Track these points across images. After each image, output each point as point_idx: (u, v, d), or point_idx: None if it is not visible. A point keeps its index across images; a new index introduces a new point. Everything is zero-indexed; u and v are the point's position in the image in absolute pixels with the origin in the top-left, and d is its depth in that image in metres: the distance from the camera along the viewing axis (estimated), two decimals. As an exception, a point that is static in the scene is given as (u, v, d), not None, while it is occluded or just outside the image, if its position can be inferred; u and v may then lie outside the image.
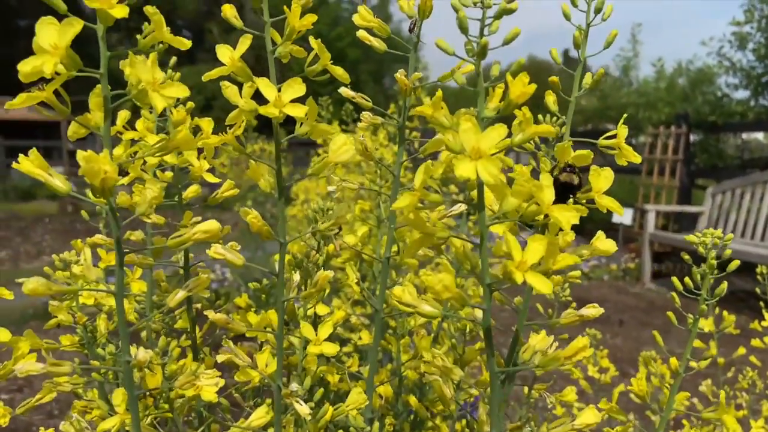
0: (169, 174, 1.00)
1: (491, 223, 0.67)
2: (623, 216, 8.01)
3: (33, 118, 20.40)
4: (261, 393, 1.18)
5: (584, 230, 1.24)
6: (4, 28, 29.01)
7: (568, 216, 0.62)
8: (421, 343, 0.97)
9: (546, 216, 0.64)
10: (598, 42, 0.90)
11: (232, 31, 0.77)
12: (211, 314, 0.78)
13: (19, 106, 0.66)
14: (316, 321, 0.96)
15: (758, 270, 1.93)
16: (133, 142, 0.93)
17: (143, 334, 1.18)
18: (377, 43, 0.88)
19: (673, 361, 1.01)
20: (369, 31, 0.87)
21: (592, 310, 0.75)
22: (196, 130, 0.94)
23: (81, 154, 0.61)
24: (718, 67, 9.54)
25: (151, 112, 0.96)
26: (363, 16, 0.87)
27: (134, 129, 0.89)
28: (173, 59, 1.07)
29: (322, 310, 0.94)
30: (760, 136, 11.46)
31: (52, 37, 0.62)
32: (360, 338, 1.11)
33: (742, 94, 9.56)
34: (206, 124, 0.85)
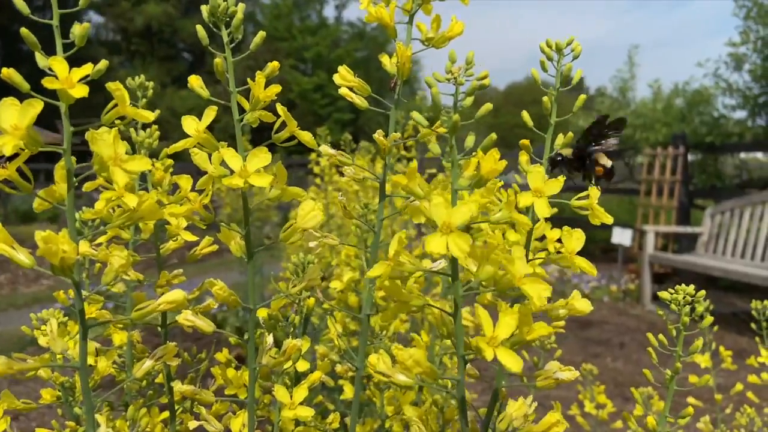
0: (150, 226, 0.99)
1: (466, 293, 0.66)
2: (622, 237, 7.99)
3: (34, 140, 20.53)
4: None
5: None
6: (8, 52, 29.31)
7: (539, 289, 0.61)
8: (402, 398, 0.95)
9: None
10: (596, 62, 0.89)
11: (232, 53, 0.77)
12: (177, 386, 0.77)
13: None
14: (297, 377, 0.94)
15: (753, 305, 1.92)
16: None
17: (125, 385, 1.16)
18: (359, 101, 0.88)
19: (650, 420, 0.99)
20: (350, 89, 0.87)
21: (568, 374, 0.73)
22: (176, 187, 0.93)
23: (39, 235, 0.60)
24: (715, 88, 9.60)
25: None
26: (343, 76, 0.87)
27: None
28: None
29: (301, 366, 0.93)
30: (758, 155, 11.48)
31: (13, 117, 0.62)
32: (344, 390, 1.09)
33: (739, 114, 9.61)
34: (184, 181, 0.84)
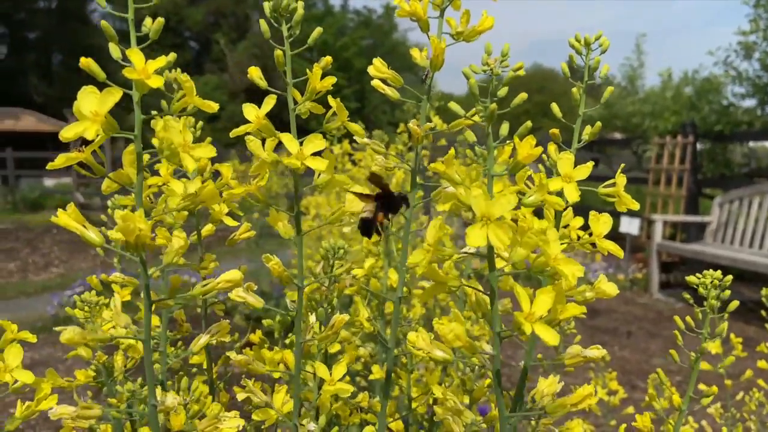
0: (184, 214, 1.03)
1: (501, 275, 0.70)
2: (630, 226, 8.00)
3: (42, 129, 20.61)
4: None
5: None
6: (12, 40, 29.30)
7: (573, 269, 0.65)
8: (430, 378, 1.00)
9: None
10: (612, 49, 0.92)
11: (238, 42, 0.81)
12: (233, 355, 0.82)
13: (60, 166, 0.70)
14: (327, 358, 0.99)
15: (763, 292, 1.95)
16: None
17: (157, 366, 1.21)
18: (390, 92, 0.91)
19: (676, 398, 1.03)
20: (383, 80, 0.91)
21: (596, 352, 0.77)
22: (216, 174, 0.97)
23: (118, 213, 0.64)
24: (725, 76, 9.55)
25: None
26: (377, 68, 0.90)
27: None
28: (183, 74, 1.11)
29: (332, 348, 0.97)
30: (767, 144, 11.43)
31: (93, 104, 0.66)
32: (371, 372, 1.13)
33: (748, 103, 9.56)
34: (226, 169, 0.88)
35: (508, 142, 0.70)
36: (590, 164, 0.74)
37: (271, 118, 0.79)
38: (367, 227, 0.87)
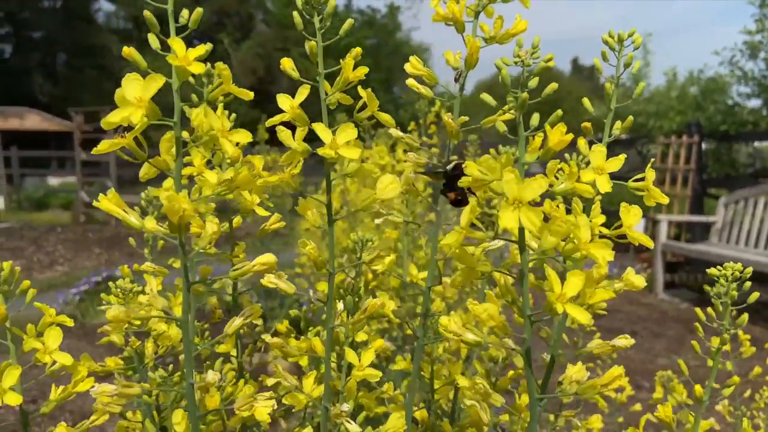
0: (212, 206, 1.06)
1: (532, 259, 0.72)
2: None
3: (47, 128, 20.67)
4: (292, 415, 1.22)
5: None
6: (17, 40, 29.38)
7: (604, 254, 0.67)
8: (453, 368, 1.02)
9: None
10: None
11: (242, 42, 0.83)
12: (268, 338, 0.84)
13: (104, 151, 0.72)
14: (354, 347, 1.01)
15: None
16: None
17: (182, 357, 1.23)
18: (425, 91, 0.93)
19: (698, 388, 1.05)
20: (418, 79, 0.93)
21: (624, 341, 0.79)
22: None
23: (164, 194, 0.67)
24: (730, 76, 9.55)
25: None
26: (414, 65, 0.92)
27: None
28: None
29: (360, 337, 0.99)
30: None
31: (137, 90, 0.68)
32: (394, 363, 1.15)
33: (754, 103, 9.56)
34: (257, 160, 0.91)
35: (538, 133, 0.72)
36: (622, 157, 0.76)
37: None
38: (459, 200, 0.88)
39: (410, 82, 0.93)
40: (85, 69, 27.46)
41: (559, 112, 0.71)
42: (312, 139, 0.83)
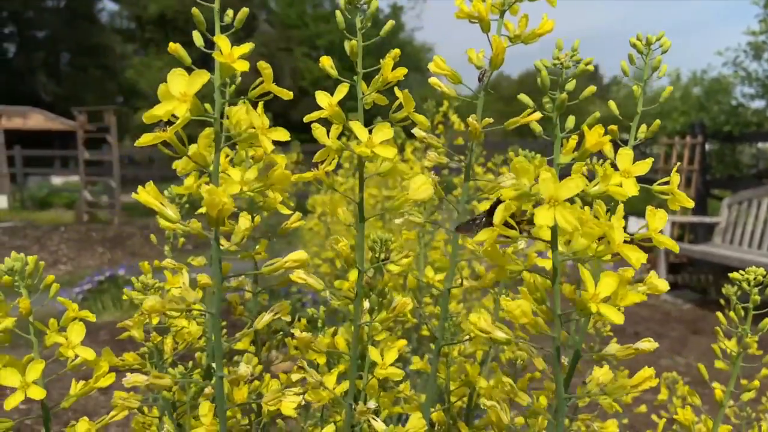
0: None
1: (564, 259, 0.72)
2: (638, 226, 7.99)
3: (50, 128, 20.69)
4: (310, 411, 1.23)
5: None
6: (21, 39, 29.42)
7: (638, 255, 0.68)
8: (471, 369, 1.02)
9: (616, 254, 0.69)
10: (610, 49, 0.94)
11: (245, 41, 0.83)
12: (297, 332, 0.85)
13: (147, 144, 0.73)
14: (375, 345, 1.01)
15: None
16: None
17: (198, 355, 1.23)
18: (446, 89, 0.94)
19: (718, 392, 1.05)
20: (441, 78, 0.93)
21: (647, 344, 0.79)
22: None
23: (204, 188, 0.68)
24: (734, 76, 9.54)
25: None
26: (438, 65, 0.93)
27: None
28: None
29: (381, 336, 1.00)
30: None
31: (182, 86, 0.69)
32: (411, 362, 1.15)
33: (757, 103, 9.55)
34: (281, 159, 0.91)
35: (572, 135, 0.73)
36: (650, 160, 0.76)
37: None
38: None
39: (433, 81, 0.93)
40: (89, 68, 27.49)
41: (597, 114, 0.71)
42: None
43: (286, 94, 0.79)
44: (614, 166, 0.79)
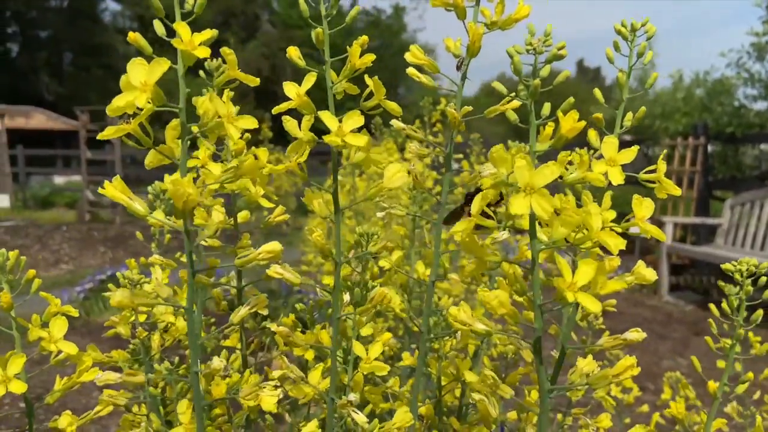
0: (220, 200, 1.05)
1: (542, 249, 0.71)
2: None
3: (53, 127, 20.74)
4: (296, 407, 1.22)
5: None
6: (24, 39, 29.51)
7: (616, 241, 0.67)
8: (461, 364, 1.01)
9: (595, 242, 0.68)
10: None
11: (247, 41, 0.82)
12: (274, 326, 0.84)
13: (109, 137, 0.72)
14: (360, 341, 1.00)
15: None
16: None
17: (188, 351, 1.22)
18: (425, 80, 0.92)
19: (711, 384, 1.03)
20: (418, 68, 0.92)
21: (635, 335, 0.78)
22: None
23: (168, 178, 0.66)
24: (737, 78, 9.50)
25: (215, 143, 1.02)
26: (415, 55, 0.91)
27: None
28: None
29: (366, 331, 0.98)
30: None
31: (142, 75, 0.68)
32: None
33: (760, 105, 9.51)
34: (262, 153, 0.90)
35: (548, 122, 0.72)
36: (635, 148, 0.75)
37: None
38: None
39: (411, 71, 0.92)
40: (91, 68, 27.55)
41: (571, 99, 0.70)
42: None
43: (252, 80, 0.77)
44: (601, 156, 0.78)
